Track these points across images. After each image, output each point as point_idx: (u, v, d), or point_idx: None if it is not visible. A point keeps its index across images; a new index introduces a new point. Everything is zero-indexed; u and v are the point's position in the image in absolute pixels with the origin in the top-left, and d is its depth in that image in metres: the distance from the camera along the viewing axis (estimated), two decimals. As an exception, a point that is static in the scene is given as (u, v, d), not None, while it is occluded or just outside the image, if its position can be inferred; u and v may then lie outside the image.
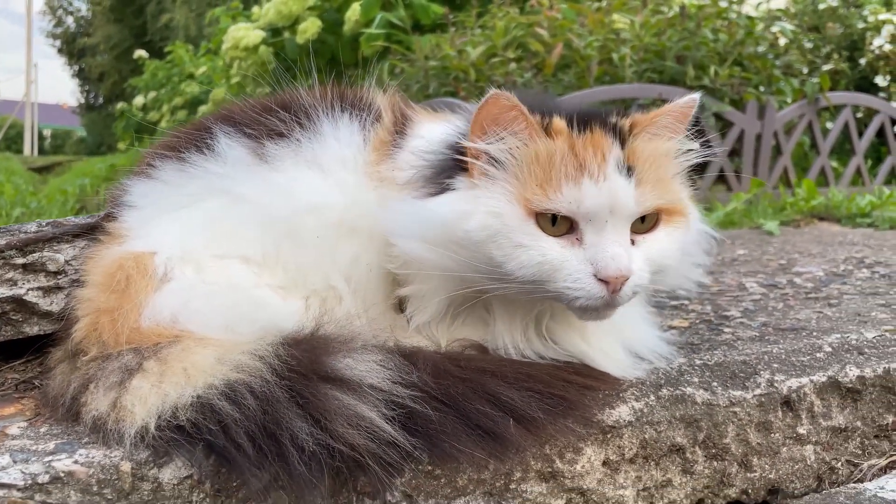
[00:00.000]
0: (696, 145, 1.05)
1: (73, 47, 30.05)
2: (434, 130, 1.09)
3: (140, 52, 11.61)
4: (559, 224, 0.93)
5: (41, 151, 28.49)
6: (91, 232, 1.14)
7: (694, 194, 1.10)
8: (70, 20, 31.20)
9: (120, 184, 1.12)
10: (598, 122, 0.98)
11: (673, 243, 0.99)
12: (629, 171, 0.95)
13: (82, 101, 31.74)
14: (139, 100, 10.53)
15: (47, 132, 33.15)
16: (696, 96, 1.02)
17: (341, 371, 0.86)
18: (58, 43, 30.86)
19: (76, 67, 30.78)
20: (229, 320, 0.96)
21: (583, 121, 0.98)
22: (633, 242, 0.96)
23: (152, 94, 10.31)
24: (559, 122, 0.97)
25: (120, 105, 12.20)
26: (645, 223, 0.98)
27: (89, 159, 15.44)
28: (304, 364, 0.87)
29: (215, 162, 1.05)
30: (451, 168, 0.98)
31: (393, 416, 0.84)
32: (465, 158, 0.97)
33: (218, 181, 1.04)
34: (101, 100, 29.13)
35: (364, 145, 1.08)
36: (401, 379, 0.87)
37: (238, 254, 1.03)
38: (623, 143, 0.97)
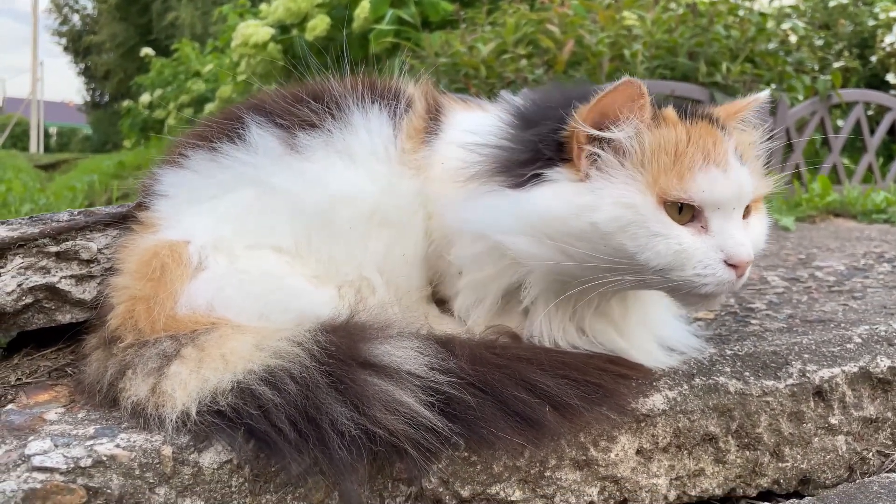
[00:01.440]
0: (764, 137, 1.09)
1: (78, 45, 30.11)
2: (475, 120, 1.09)
3: (146, 50, 11.64)
4: (684, 213, 0.93)
5: (47, 149, 28.57)
6: (123, 221, 1.14)
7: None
8: (76, 18, 31.27)
9: (151, 173, 1.13)
10: (701, 113, 1.00)
11: (764, 227, 1.04)
12: (741, 159, 0.98)
13: (88, 98, 31.80)
14: (145, 98, 10.56)
15: (53, 130, 33.23)
16: (767, 92, 1.09)
17: (380, 357, 0.87)
18: (63, 41, 30.92)
19: (82, 65, 30.84)
20: (264, 308, 0.97)
21: (686, 111, 0.99)
22: None
23: (158, 92, 10.34)
24: (671, 112, 0.97)
25: (126, 103, 12.23)
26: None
27: (95, 157, 15.48)
28: (343, 350, 0.87)
29: (247, 152, 1.05)
30: (540, 158, 0.97)
31: (431, 402, 0.84)
32: (563, 148, 0.96)
33: (249, 171, 1.04)
34: (106, 98, 29.20)
35: (395, 135, 1.08)
36: (439, 365, 0.87)
37: (270, 243, 1.03)
38: (727, 133, 0.99)
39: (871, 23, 5.61)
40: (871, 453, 1.11)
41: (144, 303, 0.97)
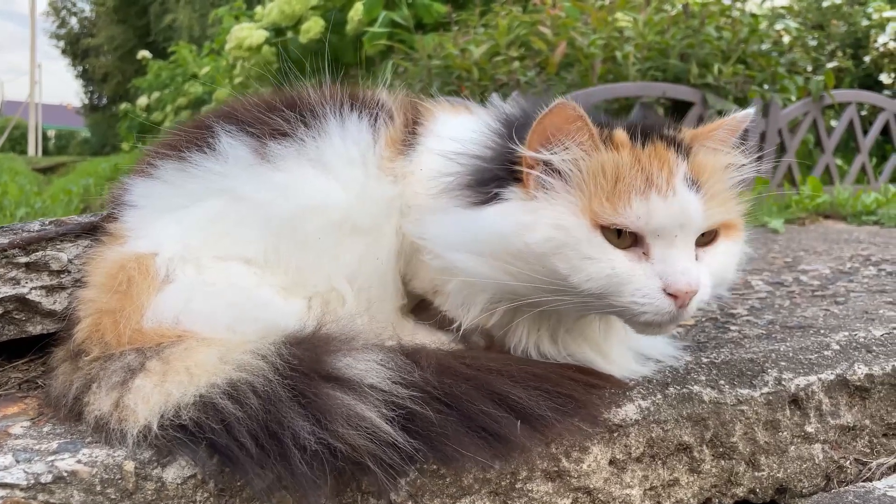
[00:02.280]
0: (745, 159, 1.03)
1: (76, 48, 30.12)
2: (458, 126, 1.08)
3: (143, 53, 11.64)
4: (624, 237, 0.91)
5: (45, 152, 28.56)
6: (93, 232, 1.13)
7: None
8: (74, 21, 31.27)
9: (121, 183, 1.12)
10: (658, 134, 0.97)
11: (732, 257, 0.98)
12: (695, 185, 0.93)
13: (86, 101, 31.82)
14: (143, 100, 10.55)
15: (51, 133, 33.22)
16: (751, 111, 1.01)
17: (341, 370, 0.86)
18: (61, 44, 30.93)
19: (80, 68, 30.85)
20: (231, 320, 0.96)
21: (643, 133, 0.96)
22: (696, 257, 0.94)
23: (156, 95, 10.34)
24: (621, 134, 0.95)
25: (123, 106, 12.23)
26: (705, 237, 0.96)
27: (93, 160, 15.48)
28: (306, 363, 0.86)
29: (216, 161, 1.04)
30: (500, 177, 0.96)
31: (393, 417, 0.83)
32: (517, 168, 0.95)
33: (219, 181, 1.03)
34: (104, 100, 29.20)
35: (374, 143, 1.07)
36: (401, 379, 0.86)
37: (239, 254, 1.02)
38: (686, 157, 0.95)
39: (865, 23, 5.61)
40: (848, 462, 1.10)
41: (111, 316, 0.96)
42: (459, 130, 1.06)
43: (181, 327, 0.95)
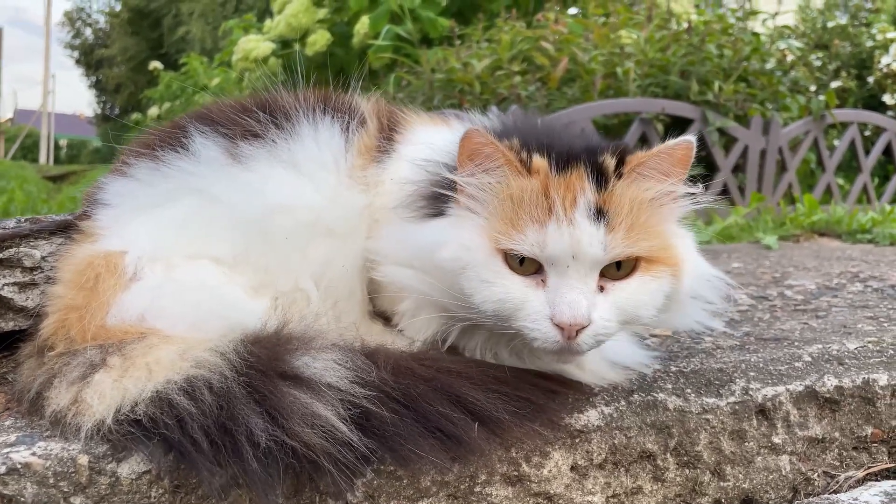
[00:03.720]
0: (695, 189, 1.00)
1: (90, 58, 30.45)
2: (435, 137, 1.09)
3: (155, 64, 11.74)
4: (527, 264, 0.92)
5: (57, 161, 28.80)
6: (67, 229, 1.14)
7: (695, 210, 1.04)
8: (88, 32, 31.64)
9: (96, 182, 1.13)
10: (583, 159, 0.95)
11: (645, 294, 0.94)
12: (601, 215, 0.91)
13: (98, 111, 32.11)
14: (153, 111, 10.63)
15: (63, 142, 33.51)
16: (691, 139, 0.97)
17: (299, 369, 0.86)
18: (76, 54, 31.28)
19: (93, 78, 31.17)
20: (196, 318, 0.96)
21: (566, 159, 0.95)
22: (602, 289, 0.93)
23: (167, 105, 10.41)
24: (539, 161, 0.95)
25: (135, 116, 12.33)
26: (621, 269, 0.94)
27: (104, 169, 15.56)
28: (264, 361, 0.86)
29: (189, 161, 1.05)
30: (444, 194, 0.98)
31: (349, 417, 0.83)
32: (448, 190, 0.98)
33: (191, 180, 1.04)
34: (117, 110, 29.48)
35: (346, 149, 1.08)
36: (359, 378, 0.86)
37: (208, 254, 1.03)
38: (605, 185, 0.94)
39: (869, 44, 5.61)
40: (816, 474, 1.09)
41: (77, 312, 0.97)
42: (434, 142, 1.06)
43: (146, 325, 0.96)
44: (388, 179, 1.08)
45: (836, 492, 1.07)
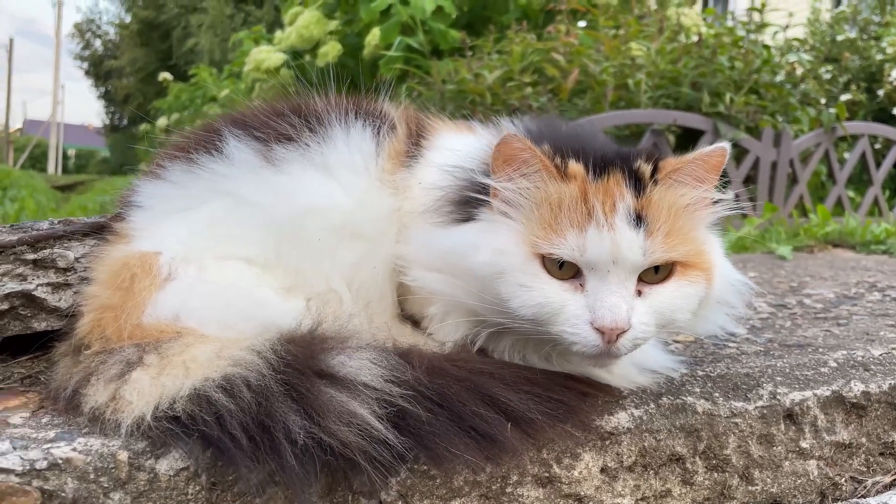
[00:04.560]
0: (726, 195, 1.02)
1: (99, 69, 30.68)
2: (461, 144, 1.10)
3: (164, 75, 11.82)
4: (565, 268, 0.93)
5: (65, 170, 28.96)
6: (100, 231, 1.16)
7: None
8: (98, 43, 31.89)
9: (130, 184, 1.14)
10: (619, 166, 0.96)
11: (681, 298, 0.95)
12: (640, 220, 0.92)
13: (107, 122, 32.31)
14: (162, 121, 10.70)
15: (72, 152, 33.70)
16: (726, 146, 0.98)
17: (335, 368, 0.87)
18: (85, 65, 31.51)
19: (102, 89, 31.39)
20: (229, 318, 0.97)
21: (602, 164, 0.96)
22: (640, 293, 0.94)
23: (175, 116, 10.48)
24: (575, 167, 0.96)
25: (143, 126, 12.39)
26: (658, 273, 0.95)
27: (111, 179, 15.68)
28: (300, 360, 0.87)
29: (222, 163, 1.06)
30: (476, 200, 0.99)
31: (384, 415, 0.84)
32: (480, 195, 0.98)
33: (224, 183, 1.06)
34: (125, 121, 29.67)
35: (377, 153, 1.10)
36: (394, 377, 0.87)
37: (241, 255, 1.04)
38: (643, 190, 0.95)
39: (879, 57, 5.63)
40: (844, 479, 1.10)
41: (112, 311, 0.98)
42: (460, 149, 1.08)
43: (180, 324, 0.97)
44: (417, 184, 1.09)
45: (863, 496, 1.07)
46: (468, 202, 1.00)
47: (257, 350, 0.88)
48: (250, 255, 1.04)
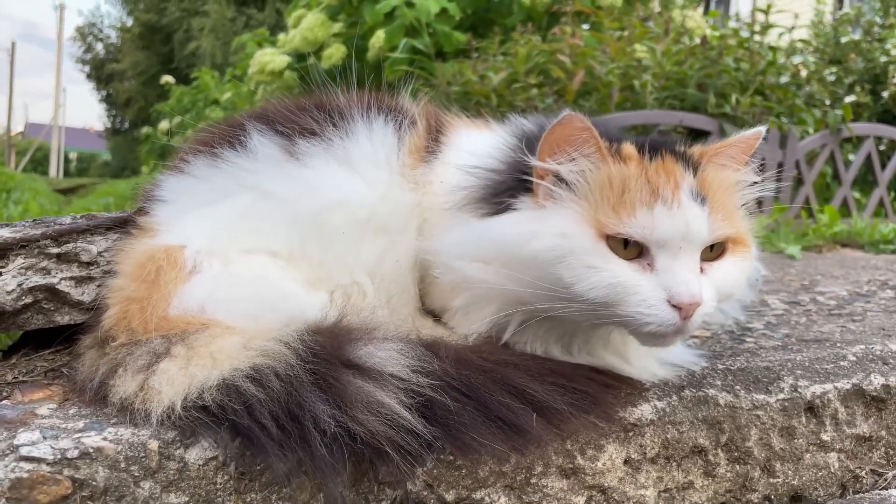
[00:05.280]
0: (757, 178, 1.05)
1: (101, 73, 30.73)
2: (478, 141, 1.11)
3: (166, 78, 11.84)
4: (630, 248, 0.93)
5: (66, 174, 29.00)
6: (123, 225, 1.16)
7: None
8: (100, 46, 31.95)
9: (153, 179, 1.15)
10: (668, 149, 0.99)
11: (738, 273, 0.98)
12: (701, 198, 0.95)
13: (108, 125, 32.36)
14: (164, 125, 10.71)
15: (73, 155, 33.74)
16: (762, 129, 1.03)
17: (362, 358, 0.87)
18: (87, 68, 31.56)
19: (104, 92, 31.44)
20: (254, 310, 0.98)
21: (653, 148, 0.98)
22: (701, 270, 0.95)
23: (177, 119, 10.49)
24: (629, 148, 0.97)
25: (145, 129, 12.41)
26: (713, 252, 0.97)
27: (113, 182, 15.71)
28: (328, 350, 0.88)
29: (246, 158, 1.07)
30: (512, 187, 0.98)
31: (412, 405, 0.84)
32: (528, 178, 0.97)
33: (248, 177, 1.06)
34: (126, 124, 29.71)
35: (398, 147, 1.10)
36: (420, 368, 0.87)
37: (265, 248, 1.05)
38: (694, 172, 0.97)
39: (883, 59, 5.63)
40: (864, 472, 1.10)
41: (138, 304, 0.98)
42: (479, 145, 1.08)
43: (206, 316, 0.97)
44: (438, 181, 1.09)
45: (884, 489, 1.07)
46: (508, 191, 0.99)
47: (285, 341, 0.89)
48: (274, 249, 1.04)
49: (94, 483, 0.81)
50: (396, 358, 0.89)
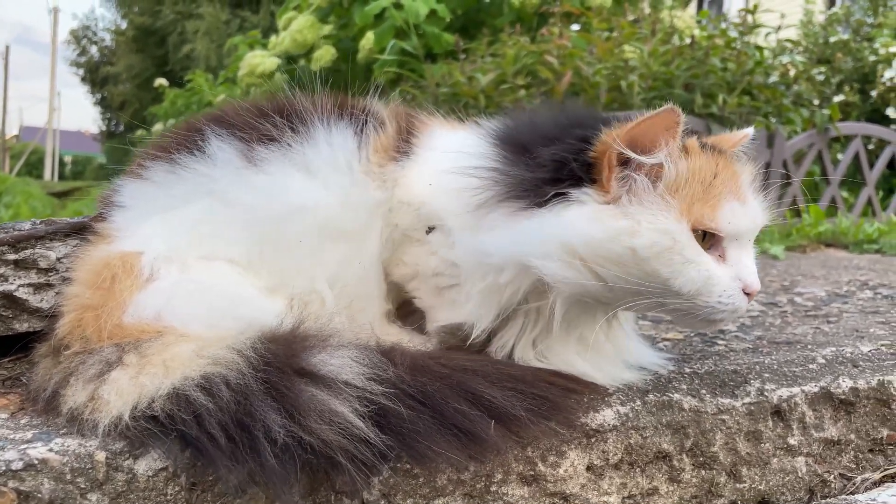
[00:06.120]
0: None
1: (96, 76, 30.68)
2: (458, 140, 1.09)
3: (160, 81, 11.80)
4: (706, 240, 0.95)
5: (62, 177, 28.95)
6: (82, 231, 1.15)
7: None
8: (94, 49, 31.91)
9: (112, 184, 1.13)
10: (706, 143, 1.01)
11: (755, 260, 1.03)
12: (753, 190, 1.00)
13: (103, 128, 32.31)
14: (158, 127, 10.67)
15: (68, 158, 33.68)
16: (750, 130, 1.11)
17: (316, 366, 0.86)
18: (81, 71, 31.52)
19: (98, 95, 31.39)
20: (211, 317, 0.96)
21: (701, 142, 1.00)
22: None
23: (171, 122, 10.45)
24: (694, 142, 0.98)
25: (139, 132, 12.37)
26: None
27: (108, 185, 15.61)
28: (281, 358, 0.86)
29: (204, 163, 1.05)
30: (562, 179, 0.95)
31: (366, 413, 0.83)
32: (579, 171, 0.95)
33: (206, 183, 1.05)
34: (121, 127, 29.66)
35: (362, 148, 1.09)
36: (375, 375, 0.86)
37: (223, 255, 1.03)
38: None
39: (872, 58, 5.63)
40: (832, 476, 1.09)
41: (93, 311, 0.97)
42: (464, 145, 1.06)
43: (162, 323, 0.96)
44: (427, 183, 1.07)
45: (852, 493, 1.06)
46: (552, 183, 0.95)
47: (237, 348, 0.87)
48: (233, 256, 1.03)
49: (39, 495, 0.79)
50: (351, 365, 0.87)
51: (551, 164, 0.96)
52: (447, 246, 1.05)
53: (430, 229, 1.07)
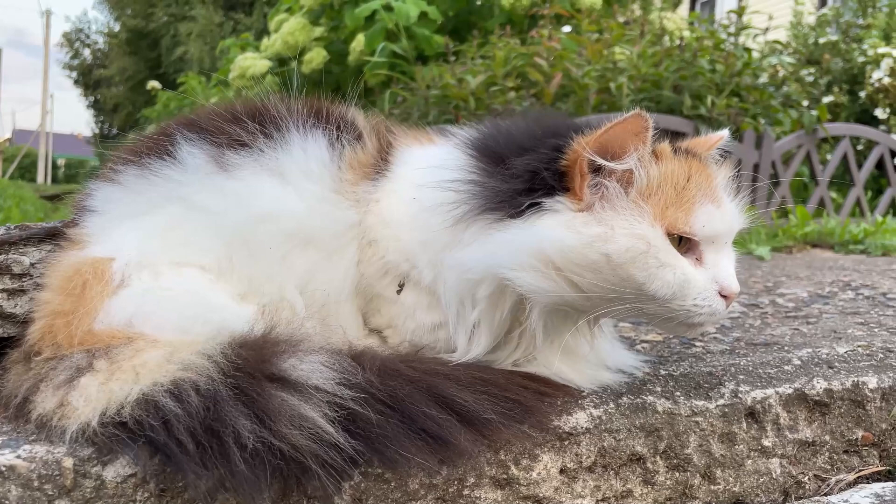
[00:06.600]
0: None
1: (88, 79, 30.60)
2: (433, 155, 1.08)
3: (153, 83, 11.76)
4: (682, 244, 0.95)
5: (54, 180, 28.86)
6: (57, 237, 1.14)
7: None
8: (87, 52, 31.82)
9: (84, 188, 1.13)
10: (680, 147, 1.01)
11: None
12: (728, 194, 1.01)
13: (97, 131, 32.22)
14: (151, 129, 10.63)
15: (61, 161, 33.57)
16: (724, 133, 1.12)
17: (286, 371, 0.86)
18: (74, 74, 31.43)
19: (91, 98, 31.30)
20: (183, 323, 0.96)
21: (674, 146, 1.00)
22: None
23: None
24: (665, 147, 0.98)
25: (130, 136, 12.31)
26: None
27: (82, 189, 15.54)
28: (251, 363, 0.86)
29: (175, 169, 1.05)
30: (536, 188, 0.95)
31: (335, 418, 0.83)
32: (549, 180, 0.95)
33: (177, 188, 1.04)
34: (115, 130, 29.58)
35: (333, 160, 1.08)
36: (345, 380, 0.86)
37: (194, 261, 1.03)
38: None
39: (861, 59, 5.66)
40: (807, 477, 1.09)
41: (64, 318, 0.97)
42: (439, 160, 1.05)
43: (133, 330, 0.96)
44: (411, 198, 1.05)
45: (826, 494, 1.06)
46: (523, 194, 0.95)
47: (207, 354, 0.87)
48: (204, 262, 1.03)
49: (6, 502, 0.79)
50: (321, 370, 0.87)
51: (525, 174, 0.96)
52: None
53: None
